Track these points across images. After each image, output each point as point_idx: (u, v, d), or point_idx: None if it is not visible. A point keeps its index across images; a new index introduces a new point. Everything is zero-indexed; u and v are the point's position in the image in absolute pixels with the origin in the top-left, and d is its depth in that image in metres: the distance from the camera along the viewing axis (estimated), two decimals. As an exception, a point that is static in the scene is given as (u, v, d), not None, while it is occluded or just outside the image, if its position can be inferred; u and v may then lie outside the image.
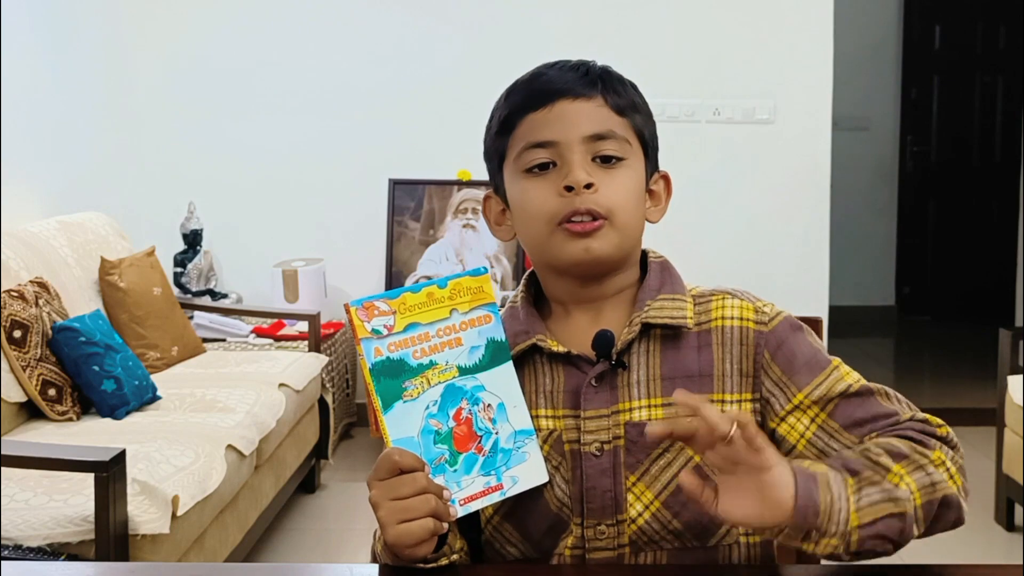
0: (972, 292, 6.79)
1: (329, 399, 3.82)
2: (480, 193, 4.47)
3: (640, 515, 1.14)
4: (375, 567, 1.17)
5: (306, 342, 3.86)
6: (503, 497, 1.12)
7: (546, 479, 1.14)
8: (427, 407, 1.10)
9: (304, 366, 3.59)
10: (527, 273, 1.25)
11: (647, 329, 1.16)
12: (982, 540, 3.34)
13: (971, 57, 6.78)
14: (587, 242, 1.13)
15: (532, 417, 1.16)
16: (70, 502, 2.24)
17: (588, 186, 1.12)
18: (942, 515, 1.06)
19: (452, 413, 1.11)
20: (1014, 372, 3.43)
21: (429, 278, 4.39)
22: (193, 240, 4.31)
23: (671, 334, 1.16)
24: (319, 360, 3.72)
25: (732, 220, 4.46)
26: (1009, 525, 3.45)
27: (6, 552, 2.13)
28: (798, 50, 4.47)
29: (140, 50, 4.51)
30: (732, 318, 1.17)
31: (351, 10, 4.49)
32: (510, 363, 1.15)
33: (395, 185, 4.49)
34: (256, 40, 4.51)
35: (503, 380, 1.14)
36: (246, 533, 2.95)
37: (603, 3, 4.44)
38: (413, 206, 4.50)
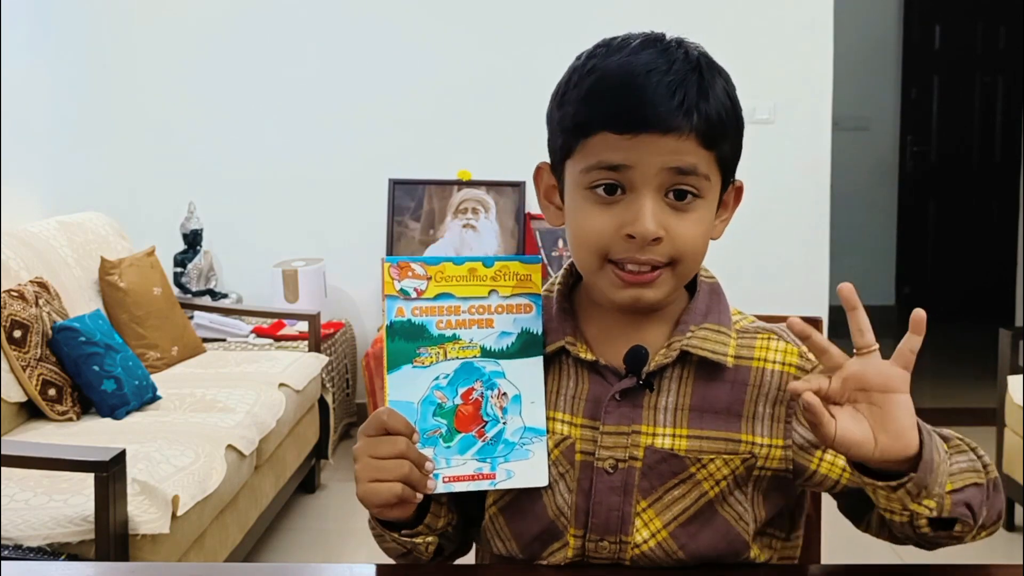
0: (972, 292, 6.79)
1: (329, 399, 3.82)
2: (480, 193, 4.47)
3: (645, 542, 1.11)
4: (375, 567, 1.17)
5: (306, 342, 3.86)
6: (492, 487, 1.10)
7: (545, 483, 1.11)
8: (436, 378, 1.08)
9: (304, 366, 3.59)
10: (569, 263, 1.19)
11: (684, 356, 1.11)
12: (982, 540, 3.34)
13: (971, 57, 6.78)
14: (639, 291, 1.06)
15: (548, 419, 1.12)
16: (70, 502, 2.24)
17: (656, 239, 1.04)
18: (995, 499, 1.08)
19: (461, 391, 1.09)
20: (1014, 372, 3.43)
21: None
22: (193, 240, 4.31)
23: (707, 365, 1.12)
24: (319, 360, 3.72)
25: (732, 220, 4.46)
26: (1009, 525, 3.45)
27: (6, 552, 2.13)
28: (798, 50, 4.47)
29: (140, 50, 4.51)
30: (775, 362, 1.13)
31: (351, 10, 4.49)
32: (540, 359, 1.11)
33: (395, 185, 4.49)
34: (256, 40, 4.51)
35: (527, 373, 1.11)
36: (246, 533, 2.95)
37: (602, 4, 4.44)
38: (413, 206, 4.50)
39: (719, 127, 1.06)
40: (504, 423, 1.10)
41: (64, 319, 3.03)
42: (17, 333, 2.85)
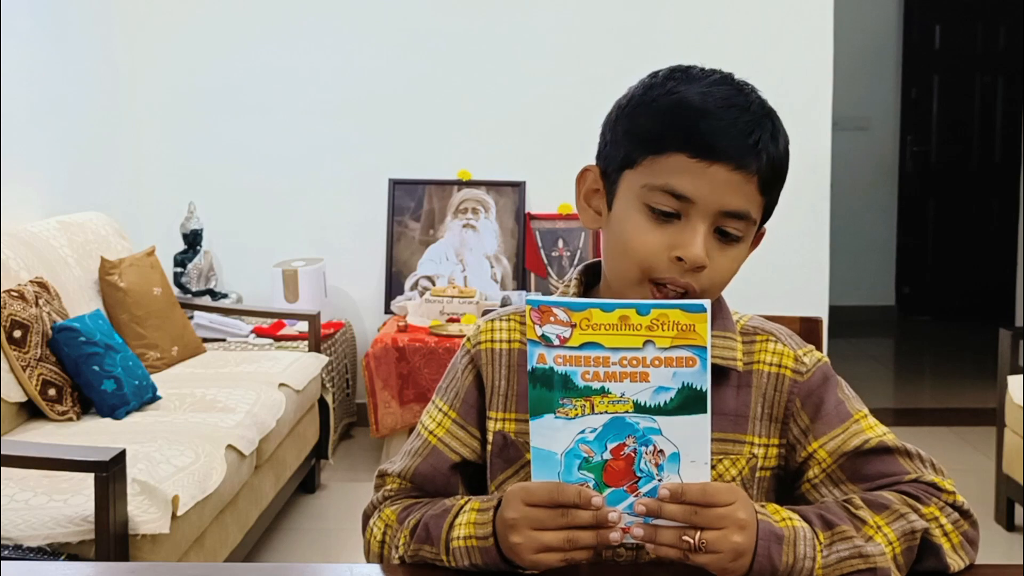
0: (972, 292, 6.79)
1: (329, 399, 3.82)
2: (480, 193, 4.47)
3: None
4: (375, 567, 1.17)
5: (306, 342, 3.86)
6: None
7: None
8: (582, 431, 0.99)
9: (304, 366, 3.59)
10: (583, 266, 1.21)
11: None
12: (982, 540, 3.34)
13: (971, 57, 6.78)
14: None
15: None
16: (70, 502, 2.24)
17: (700, 268, 1.08)
18: (923, 559, 1.10)
19: (611, 447, 0.99)
20: (1014, 372, 3.43)
21: (430, 278, 4.41)
22: (193, 240, 4.31)
23: (714, 370, 1.11)
24: (319, 360, 3.72)
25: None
26: (1009, 525, 3.45)
27: (6, 552, 2.13)
28: (798, 50, 4.47)
29: (140, 50, 4.51)
30: (772, 364, 1.17)
31: (351, 10, 4.49)
32: (706, 416, 0.98)
33: (395, 185, 4.49)
34: (256, 40, 4.51)
35: (690, 431, 0.98)
36: (246, 533, 2.95)
37: (602, 5, 4.44)
38: (413, 206, 4.50)
39: (778, 173, 1.13)
40: (659, 480, 1.00)
41: (64, 319, 3.03)
42: (17, 333, 2.85)
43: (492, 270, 4.41)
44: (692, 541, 0.98)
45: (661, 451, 0.99)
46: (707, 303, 0.97)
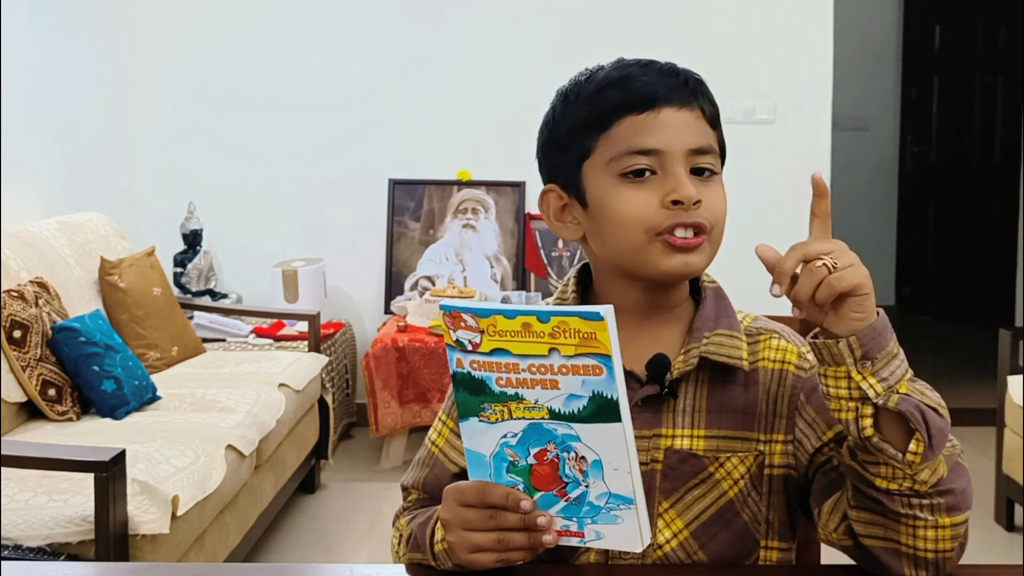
0: (972, 292, 6.79)
1: (329, 399, 3.82)
2: (480, 193, 4.47)
3: (668, 542, 1.14)
4: (375, 567, 1.17)
5: (306, 342, 3.86)
6: (582, 544, 1.03)
7: (640, 548, 1.01)
8: (505, 435, 1.01)
9: (304, 366, 3.59)
10: (576, 269, 1.23)
11: (702, 362, 1.15)
12: (982, 540, 3.34)
13: (971, 57, 6.78)
14: (687, 256, 1.12)
15: None
16: (70, 502, 2.24)
17: (696, 202, 1.11)
18: (954, 481, 1.06)
19: (534, 451, 1.01)
20: (1014, 372, 3.43)
21: (429, 278, 4.40)
22: (193, 240, 4.31)
23: (720, 368, 1.16)
24: (319, 360, 3.72)
25: (732, 220, 4.44)
26: (1009, 525, 3.45)
27: (6, 552, 2.13)
28: (798, 50, 4.47)
29: (140, 50, 4.51)
30: (775, 360, 1.18)
31: (351, 10, 4.49)
32: (620, 425, 0.97)
33: (395, 185, 4.49)
34: (256, 40, 4.51)
35: (607, 439, 0.98)
36: (246, 533, 2.95)
37: (602, 5, 4.44)
38: (413, 206, 4.50)
39: (716, 109, 1.17)
40: (587, 486, 1.01)
41: (64, 319, 3.03)
42: (17, 333, 2.85)
43: (492, 270, 4.41)
44: (827, 263, 1.04)
45: (583, 458, 1.00)
46: (606, 311, 0.94)
